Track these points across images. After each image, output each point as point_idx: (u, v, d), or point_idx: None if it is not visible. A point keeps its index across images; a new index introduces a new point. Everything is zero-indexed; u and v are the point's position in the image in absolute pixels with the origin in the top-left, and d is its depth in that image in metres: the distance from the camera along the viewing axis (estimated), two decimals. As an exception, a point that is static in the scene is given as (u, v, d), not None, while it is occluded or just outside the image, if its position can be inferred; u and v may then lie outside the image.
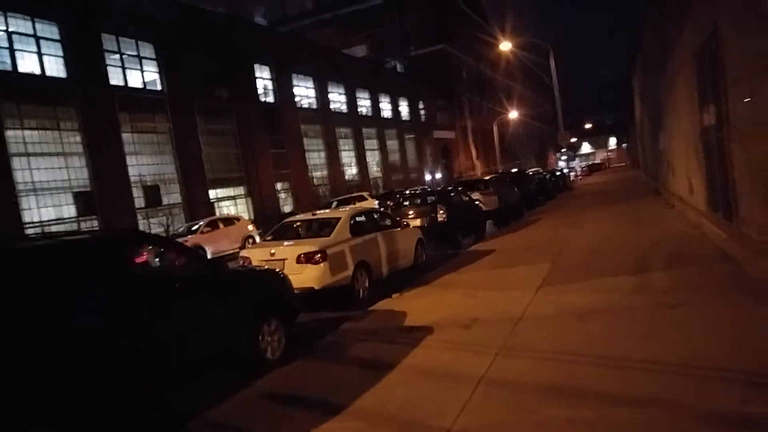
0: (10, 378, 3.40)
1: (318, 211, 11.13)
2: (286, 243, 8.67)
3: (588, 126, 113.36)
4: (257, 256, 8.32)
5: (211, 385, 5.30)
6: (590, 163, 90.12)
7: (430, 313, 7.10)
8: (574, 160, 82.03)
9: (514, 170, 40.90)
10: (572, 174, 56.84)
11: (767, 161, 5.83)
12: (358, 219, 9.60)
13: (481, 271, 10.01)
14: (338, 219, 9.12)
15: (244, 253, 9.01)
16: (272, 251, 8.29)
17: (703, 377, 3.78)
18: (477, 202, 17.70)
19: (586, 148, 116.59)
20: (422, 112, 51.43)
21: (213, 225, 18.82)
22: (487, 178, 24.15)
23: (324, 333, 6.86)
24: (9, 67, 16.98)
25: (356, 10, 58.36)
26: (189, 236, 17.45)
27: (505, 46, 44.25)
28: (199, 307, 5.05)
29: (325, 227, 9.11)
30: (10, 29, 17.07)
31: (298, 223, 9.86)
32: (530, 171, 38.77)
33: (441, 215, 13.99)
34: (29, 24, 17.55)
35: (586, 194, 29.23)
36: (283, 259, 8.01)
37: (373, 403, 4.33)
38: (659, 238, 10.39)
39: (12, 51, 17.04)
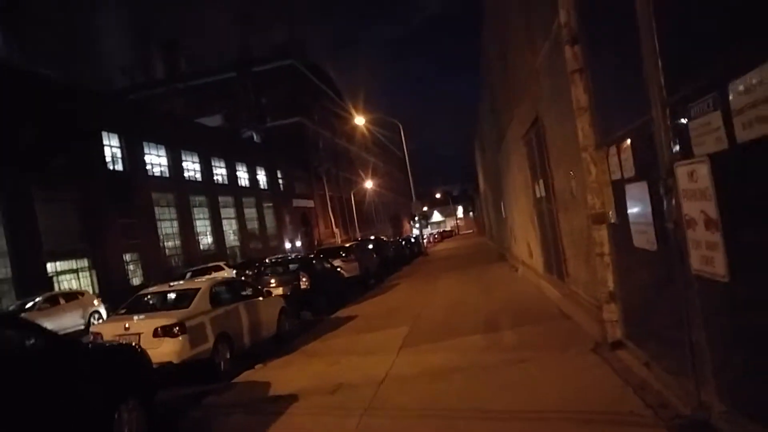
0: None
1: (174, 283, 10.67)
2: (141, 316, 8.21)
3: (438, 195, 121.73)
4: (110, 331, 7.76)
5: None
6: (441, 230, 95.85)
7: (294, 382, 7.10)
8: (426, 227, 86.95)
9: (372, 237, 42.31)
10: (425, 240, 60.00)
11: (583, 228, 6.86)
12: (218, 289, 9.40)
13: (344, 337, 10.20)
14: (197, 290, 8.86)
15: (95, 328, 8.35)
16: (126, 325, 7.79)
17: (546, 419, 4.31)
18: (339, 269, 18.09)
19: (437, 216, 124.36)
20: (280, 181, 51.75)
21: (53, 301, 17.05)
22: (348, 245, 24.82)
23: (186, 409, 6.53)
24: None
25: (210, 81, 58.36)
26: (23, 314, 15.55)
27: (359, 121, 46.77)
28: (54, 386, 4.63)
29: (183, 298, 8.78)
30: None
31: (154, 295, 9.38)
32: (386, 238, 40.39)
33: (304, 283, 14.12)
34: None
35: (439, 259, 31.01)
36: (139, 333, 7.57)
37: (242, 475, 4.25)
38: (505, 299, 11.39)
39: None
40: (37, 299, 16.86)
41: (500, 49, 12.68)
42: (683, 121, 3.14)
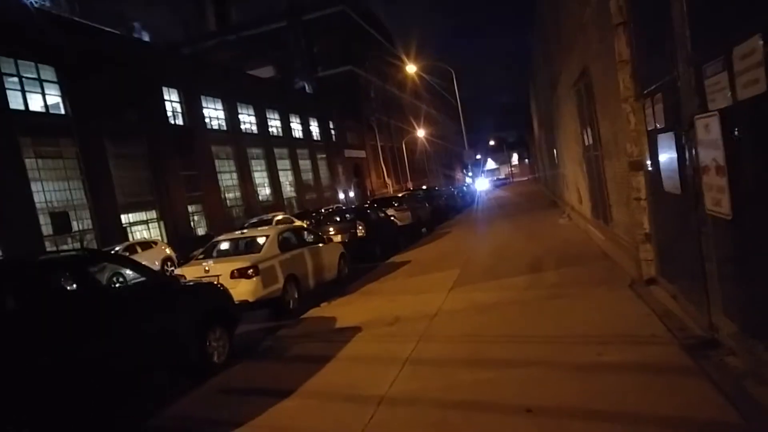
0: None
1: (245, 230, 11.67)
2: (219, 260, 9.20)
3: (492, 143, 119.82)
4: (192, 273, 8.77)
5: (166, 388, 5.80)
6: (495, 178, 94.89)
7: (356, 316, 7.93)
8: (480, 175, 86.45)
9: (424, 187, 42.82)
10: (480, 188, 60.03)
11: (624, 174, 7.21)
12: (285, 236, 10.28)
13: (399, 279, 10.99)
14: (267, 236, 9.76)
15: (178, 270, 9.40)
16: (206, 268, 8.79)
17: (572, 342, 4.93)
18: (392, 218, 18.83)
19: (491, 164, 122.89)
20: (333, 132, 52.46)
21: (131, 249, 18.60)
22: (400, 195, 25.51)
23: (262, 340, 7.50)
24: None
25: (261, 32, 58.76)
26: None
27: (411, 68, 46.53)
28: (155, 316, 5.60)
29: (254, 244, 9.72)
30: None
31: (228, 242, 10.37)
32: (438, 187, 40.82)
33: (360, 231, 14.92)
34: None
35: (492, 208, 31.32)
36: (218, 275, 8.53)
37: (318, 385, 5.11)
38: (552, 243, 11.85)
39: None
40: (117, 248, 18.43)
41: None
42: (702, 79, 3.54)
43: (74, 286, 4.95)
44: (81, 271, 5.13)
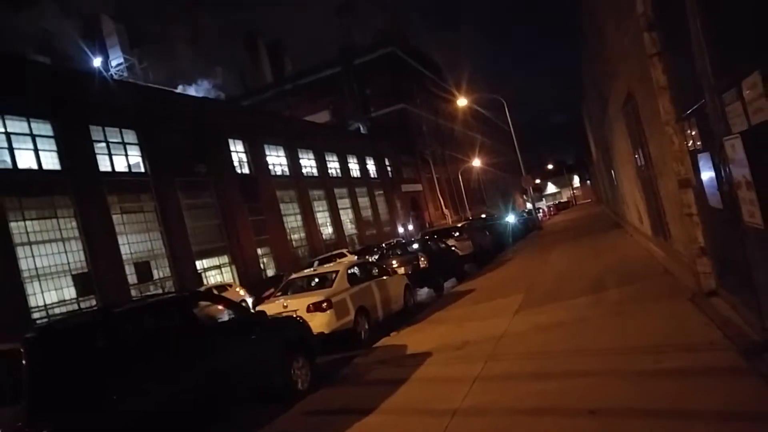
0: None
1: (315, 267, 12.43)
2: (295, 296, 9.94)
3: (550, 166, 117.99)
4: (272, 309, 9.51)
5: (255, 412, 6.44)
6: (556, 202, 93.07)
7: (426, 343, 8.39)
8: (540, 200, 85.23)
9: (483, 216, 42.89)
10: (539, 214, 59.25)
11: (675, 192, 7.45)
12: (353, 270, 10.94)
13: (465, 307, 11.37)
14: (337, 271, 10.46)
15: (260, 307, 10.20)
16: (285, 304, 9.54)
17: (631, 353, 5.24)
18: (453, 248, 19.22)
19: (551, 188, 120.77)
20: (389, 168, 53.66)
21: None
22: (459, 225, 25.86)
23: (339, 368, 8.08)
24: (9, 165, 18.20)
25: (315, 79, 61.58)
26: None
27: (462, 102, 47.28)
28: (248, 347, 6.31)
29: (326, 280, 10.42)
30: (8, 130, 18.38)
31: (301, 279, 11.14)
32: (497, 215, 40.79)
33: (422, 262, 15.41)
34: (25, 124, 18.92)
35: (554, 232, 31.10)
36: (295, 310, 9.24)
37: (395, 403, 5.62)
38: (614, 263, 11.95)
39: (11, 150, 18.32)
40: (208, 291, 19.62)
41: (595, 24, 13.02)
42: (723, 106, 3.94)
43: (180, 321, 5.75)
44: (185, 308, 5.94)
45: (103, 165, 21.89)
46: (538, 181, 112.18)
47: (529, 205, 64.89)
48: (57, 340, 4.69)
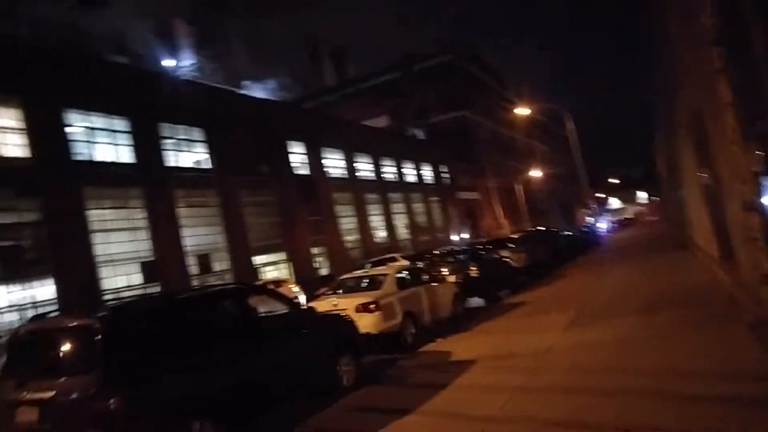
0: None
1: (367, 269, 12.66)
2: (345, 295, 10.18)
3: (615, 180, 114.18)
4: (322, 307, 9.77)
5: (300, 406, 6.68)
6: (620, 218, 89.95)
7: (471, 351, 8.43)
8: (602, 216, 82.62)
9: (541, 228, 42.13)
10: (601, 230, 57.55)
11: (740, 214, 7.18)
12: (402, 275, 11.08)
13: (514, 319, 11.31)
14: (386, 275, 10.63)
15: (311, 304, 10.50)
16: (335, 302, 9.79)
17: (675, 376, 5.16)
18: (507, 259, 19.03)
19: (614, 203, 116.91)
20: (445, 175, 53.51)
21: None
22: (515, 236, 25.54)
23: (384, 369, 8.24)
24: (90, 157, 19.46)
25: (376, 83, 62.27)
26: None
27: (523, 111, 46.64)
28: (297, 340, 6.57)
29: (375, 282, 10.61)
30: (91, 125, 19.69)
31: (351, 280, 11.38)
32: (557, 229, 39.93)
33: (473, 272, 15.36)
34: (105, 120, 20.20)
35: (615, 249, 30.24)
36: (344, 309, 9.46)
37: (434, 406, 5.74)
38: (673, 285, 11.57)
39: (93, 143, 19.64)
40: (263, 285, 20.27)
41: (663, 34, 12.68)
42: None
43: (236, 311, 6.08)
44: (241, 299, 6.28)
45: (171, 160, 22.97)
46: (600, 195, 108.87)
47: (590, 220, 63.21)
48: (127, 320, 5.10)
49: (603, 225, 63.74)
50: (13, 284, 16.36)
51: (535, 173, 65.02)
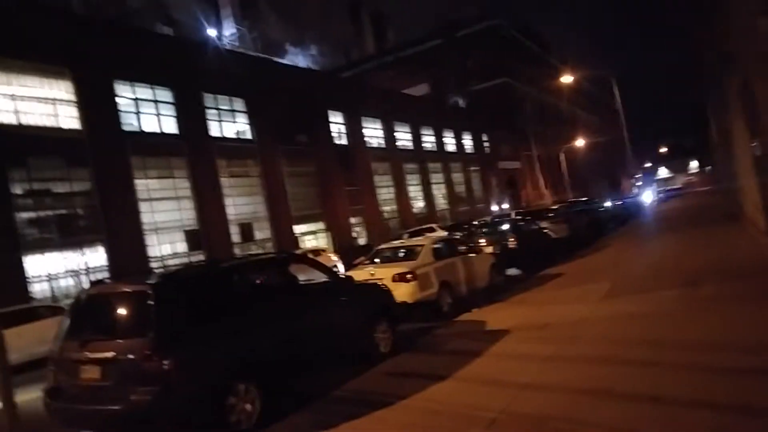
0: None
1: (404, 240, 12.83)
2: (382, 265, 10.41)
3: (663, 150, 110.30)
4: (359, 276, 10.02)
5: (339, 370, 6.97)
6: (669, 188, 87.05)
7: (505, 321, 8.55)
8: (650, 185, 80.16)
9: (583, 198, 41.38)
10: (647, 201, 56.05)
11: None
12: (438, 246, 11.20)
13: (550, 290, 11.33)
14: (422, 245, 10.78)
15: (348, 273, 10.78)
16: (372, 272, 10.03)
17: (712, 349, 5.16)
18: (546, 230, 18.88)
19: (663, 172, 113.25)
20: (486, 144, 52.81)
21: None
22: (555, 207, 25.23)
23: (420, 337, 8.46)
24: (136, 128, 20.13)
25: (417, 51, 61.24)
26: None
27: (568, 78, 45.29)
28: (336, 308, 6.85)
29: (412, 252, 10.78)
30: (136, 96, 20.28)
31: (388, 250, 11.59)
32: (600, 199, 39.09)
33: (512, 242, 15.36)
34: (150, 91, 20.77)
35: (661, 219, 29.53)
36: (381, 279, 9.68)
37: (469, 373, 5.92)
38: (718, 257, 11.33)
39: (138, 114, 20.25)
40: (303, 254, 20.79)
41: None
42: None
43: (277, 279, 6.39)
44: (282, 267, 6.58)
45: (214, 131, 23.49)
46: (648, 164, 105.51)
47: (636, 190, 61.58)
48: (177, 286, 5.43)
49: (650, 195, 62.00)
50: (67, 251, 17.28)
51: (580, 142, 63.40)
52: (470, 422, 4.44)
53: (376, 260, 11.29)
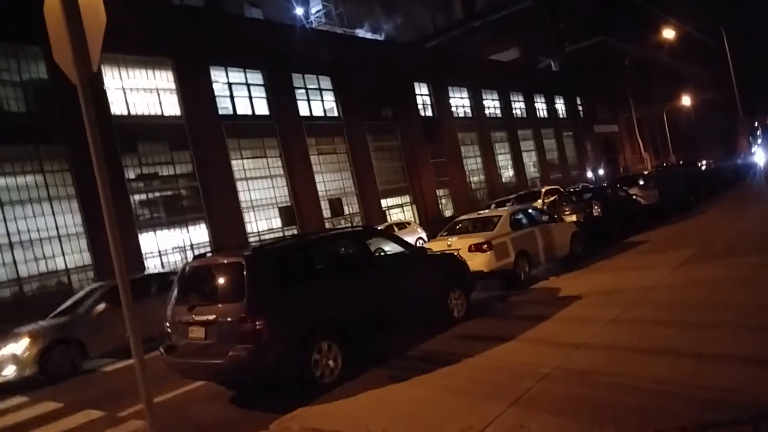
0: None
1: (482, 211, 13.16)
2: (459, 236, 10.86)
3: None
4: (437, 247, 10.54)
5: (415, 333, 7.58)
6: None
7: (579, 288, 8.76)
8: (764, 146, 73.22)
9: (681, 162, 39.00)
10: (758, 163, 51.61)
11: None
12: (516, 216, 11.44)
13: (630, 257, 11.29)
14: (500, 216, 11.08)
15: (426, 245, 11.34)
16: (449, 243, 10.51)
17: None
18: (635, 197, 18.31)
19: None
20: (580, 107, 50.72)
21: (389, 230, 21.71)
22: (647, 173, 24.12)
23: (495, 304, 8.89)
24: (230, 111, 21.63)
25: (505, 14, 59.05)
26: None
27: (669, 33, 42.34)
28: (412, 276, 7.48)
29: (489, 223, 11.11)
30: (230, 81, 21.75)
31: (466, 221, 11.98)
32: (702, 163, 36.68)
33: (596, 211, 15.14)
34: (242, 74, 22.17)
35: None
36: (458, 249, 10.14)
37: (533, 334, 6.40)
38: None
39: (232, 98, 21.72)
40: (379, 228, 21.65)
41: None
42: None
43: (356, 250, 7.16)
44: (360, 240, 7.31)
45: (303, 110, 24.64)
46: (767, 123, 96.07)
47: (753, 150, 56.66)
48: (268, 257, 6.22)
49: (762, 157, 56.83)
50: (173, 228, 19.14)
51: (686, 100, 58.99)
52: (525, 376, 4.89)
53: (455, 231, 11.71)
